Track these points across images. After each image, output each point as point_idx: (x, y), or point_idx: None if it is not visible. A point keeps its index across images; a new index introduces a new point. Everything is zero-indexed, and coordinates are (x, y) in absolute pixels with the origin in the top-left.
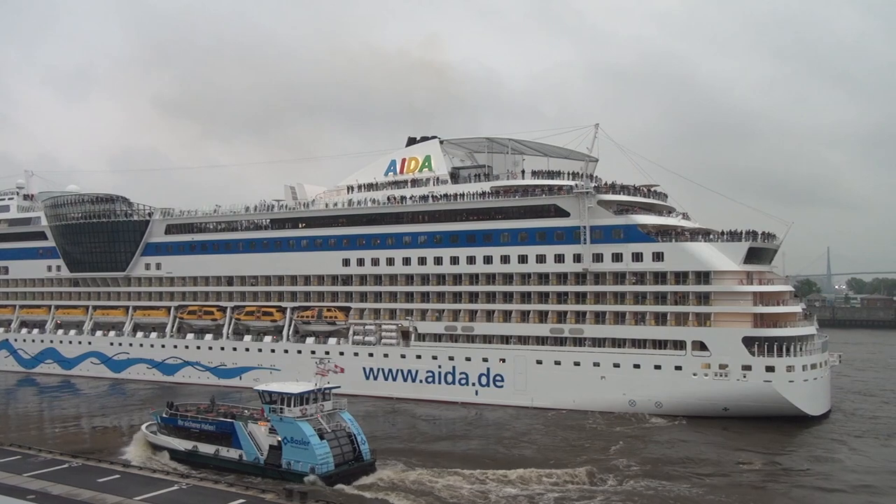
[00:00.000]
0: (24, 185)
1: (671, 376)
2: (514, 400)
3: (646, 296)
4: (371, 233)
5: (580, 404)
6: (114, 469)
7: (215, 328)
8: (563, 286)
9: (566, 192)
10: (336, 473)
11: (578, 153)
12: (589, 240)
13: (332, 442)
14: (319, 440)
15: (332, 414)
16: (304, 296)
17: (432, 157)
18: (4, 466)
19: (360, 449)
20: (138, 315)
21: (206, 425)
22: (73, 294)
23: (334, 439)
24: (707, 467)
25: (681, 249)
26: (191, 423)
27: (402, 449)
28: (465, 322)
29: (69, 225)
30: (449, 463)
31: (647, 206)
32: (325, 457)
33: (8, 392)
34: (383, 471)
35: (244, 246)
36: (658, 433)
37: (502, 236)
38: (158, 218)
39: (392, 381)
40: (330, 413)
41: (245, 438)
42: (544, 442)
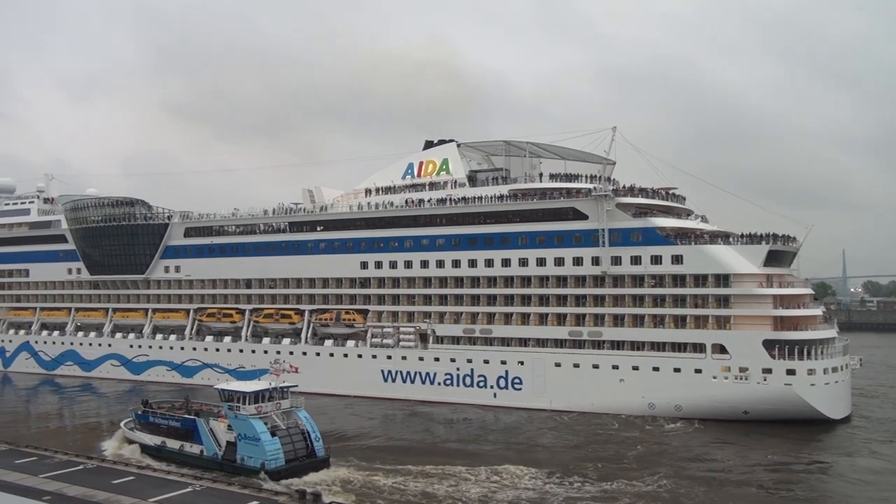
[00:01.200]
0: (45, 189)
1: (691, 379)
2: (532, 402)
3: (665, 298)
4: (389, 236)
5: (599, 407)
6: (128, 471)
7: (234, 330)
8: (581, 289)
9: (584, 195)
10: (286, 469)
11: (596, 156)
12: (607, 242)
13: (283, 439)
14: (271, 437)
15: (289, 412)
16: (323, 298)
17: (450, 160)
18: (21, 468)
19: (313, 446)
20: (158, 317)
21: (173, 422)
22: (93, 296)
23: (287, 436)
24: (727, 471)
25: (700, 252)
26: (160, 419)
27: (404, 449)
28: (483, 325)
29: (89, 228)
30: (436, 464)
31: (666, 208)
32: (275, 453)
33: (28, 393)
34: (338, 468)
35: (263, 249)
36: (677, 436)
37: (520, 239)
38: (177, 221)
39: (410, 384)
40: (286, 411)
41: (206, 435)
42: (557, 444)
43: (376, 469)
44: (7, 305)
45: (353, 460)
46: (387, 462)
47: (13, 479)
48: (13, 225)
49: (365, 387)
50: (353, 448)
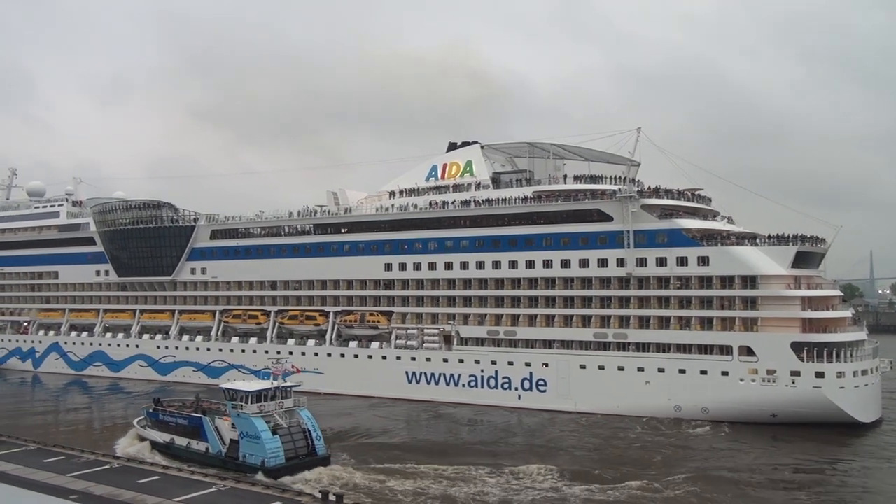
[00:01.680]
0: (73, 192)
1: (717, 382)
2: (557, 405)
3: (691, 300)
4: (413, 237)
5: (624, 409)
6: (153, 471)
7: (259, 332)
8: (606, 290)
9: (609, 197)
10: (286, 467)
11: (620, 157)
12: (633, 244)
13: (284, 437)
14: (271, 435)
15: (291, 411)
16: (347, 300)
17: (473, 162)
18: (49, 466)
19: (314, 444)
20: (184, 319)
21: (181, 420)
22: (120, 298)
23: (287, 435)
24: (755, 474)
25: (727, 253)
26: (168, 417)
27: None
28: (507, 326)
29: (117, 230)
30: (448, 464)
31: (692, 210)
32: (275, 451)
33: (57, 393)
34: (337, 466)
35: (288, 251)
36: (703, 439)
37: (545, 241)
38: (203, 223)
39: (434, 386)
40: (289, 410)
41: (211, 432)
42: (582, 446)
43: (392, 470)
44: (37, 307)
45: (372, 462)
46: (408, 462)
47: (42, 478)
48: (43, 227)
49: (389, 388)
50: (372, 447)
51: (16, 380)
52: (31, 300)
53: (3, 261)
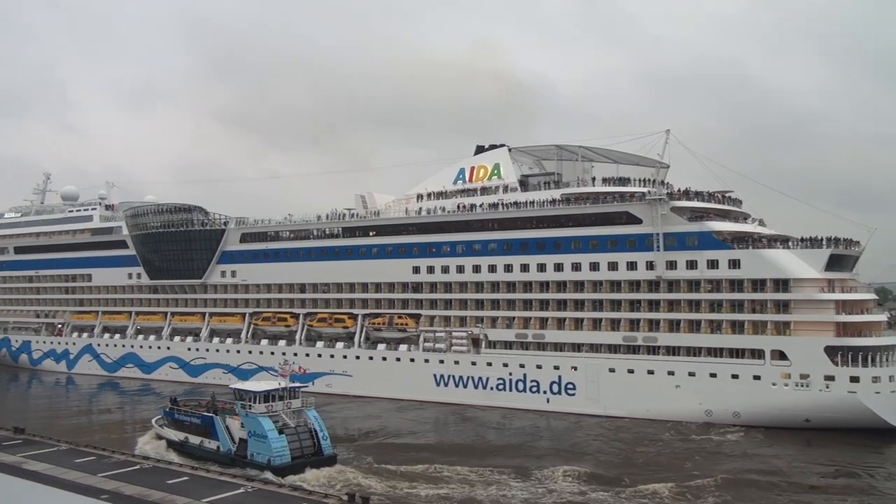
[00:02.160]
0: (106, 196)
1: (749, 386)
2: (586, 408)
3: (722, 304)
4: (441, 240)
5: (654, 413)
6: (182, 471)
7: (288, 334)
8: (635, 294)
9: (638, 199)
10: (291, 465)
11: (649, 159)
12: (662, 247)
13: (291, 437)
14: (278, 434)
15: (299, 411)
16: (376, 303)
17: (501, 164)
18: (80, 466)
19: (320, 444)
20: (214, 321)
21: (194, 419)
22: (152, 300)
23: (294, 434)
24: (788, 480)
25: (758, 256)
26: (183, 416)
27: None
28: (535, 329)
29: (149, 234)
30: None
31: (722, 212)
32: (281, 450)
33: (90, 394)
34: (343, 466)
35: (316, 254)
36: (735, 443)
37: (573, 244)
38: (233, 227)
39: (462, 388)
40: (296, 410)
41: (221, 431)
42: (610, 450)
43: (415, 473)
44: (71, 309)
45: (395, 463)
46: (432, 464)
47: (73, 478)
48: (77, 231)
49: (417, 391)
50: (396, 448)
51: (50, 381)
52: (66, 302)
53: (39, 264)
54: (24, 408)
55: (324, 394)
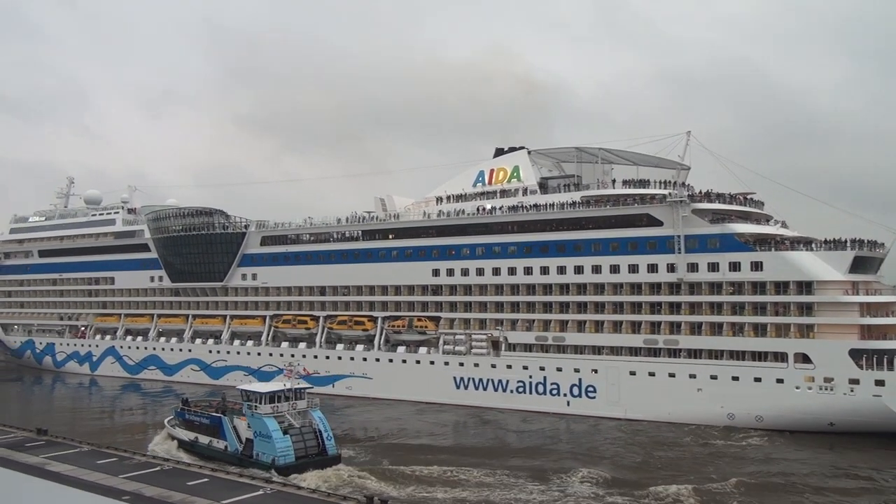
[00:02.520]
0: (128, 200)
1: (772, 389)
2: (606, 411)
3: (744, 306)
4: (461, 243)
5: (676, 417)
6: (202, 473)
7: (308, 337)
8: (656, 296)
9: (659, 201)
10: (295, 465)
11: (669, 161)
12: (683, 249)
13: (295, 437)
14: (282, 435)
15: (304, 412)
16: (395, 305)
17: (521, 167)
18: (102, 468)
19: (324, 444)
20: (235, 324)
21: (203, 419)
22: (174, 303)
23: (298, 434)
24: (811, 486)
25: (781, 259)
26: (193, 416)
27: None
28: (555, 332)
29: (171, 237)
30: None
31: (744, 214)
32: (285, 450)
33: (113, 396)
34: (346, 466)
35: (336, 257)
36: (758, 447)
37: (593, 246)
38: (254, 230)
39: (482, 391)
40: (301, 411)
41: (229, 431)
42: (631, 454)
43: (431, 476)
44: (94, 312)
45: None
46: (449, 465)
47: (95, 479)
48: (100, 235)
49: (437, 393)
50: (412, 450)
51: (74, 383)
52: (89, 305)
53: (62, 267)
54: (48, 409)
55: (344, 396)
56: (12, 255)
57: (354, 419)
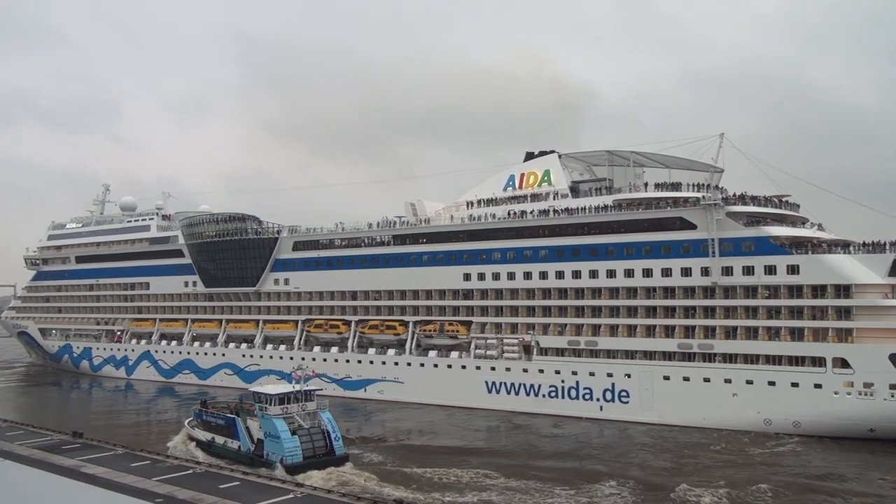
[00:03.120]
0: (163, 206)
1: (810, 394)
2: (640, 416)
3: (780, 310)
4: (492, 247)
5: (711, 422)
6: (234, 476)
7: (340, 341)
8: (690, 300)
9: (692, 204)
10: (303, 465)
11: (701, 163)
12: (718, 253)
13: (303, 437)
14: (291, 435)
15: (313, 413)
16: (427, 310)
17: (552, 171)
18: (136, 470)
19: (332, 445)
20: (268, 328)
21: (219, 420)
22: (207, 308)
23: (307, 435)
24: (850, 492)
25: (818, 262)
26: (210, 417)
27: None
28: (588, 336)
29: (204, 243)
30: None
31: (779, 217)
32: (293, 450)
33: (148, 400)
34: (353, 466)
35: (368, 261)
36: (795, 454)
37: (626, 250)
38: (286, 235)
39: (514, 396)
40: (311, 412)
41: (242, 432)
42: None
43: (454, 480)
44: (129, 317)
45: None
46: (476, 468)
47: (129, 482)
48: (135, 241)
49: (468, 397)
50: (437, 452)
51: (110, 386)
52: (124, 310)
53: (99, 272)
54: (84, 412)
55: (375, 400)
56: (50, 261)
57: (386, 423)
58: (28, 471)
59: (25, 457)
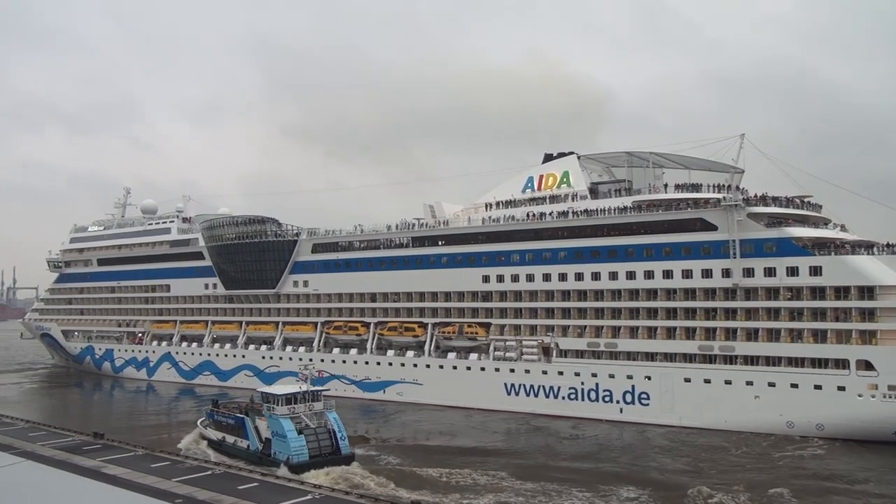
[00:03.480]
0: (183, 209)
1: (833, 397)
2: (660, 419)
3: (802, 312)
4: (510, 249)
5: (732, 424)
6: (253, 477)
7: (360, 343)
8: (711, 302)
9: (713, 206)
10: (310, 463)
11: (721, 164)
12: (739, 254)
13: (310, 437)
14: (297, 435)
15: (320, 413)
16: (445, 312)
17: (570, 172)
18: (155, 471)
19: (338, 444)
20: (287, 330)
21: (229, 420)
22: (227, 310)
23: (313, 434)
24: (873, 495)
25: (841, 263)
26: (221, 417)
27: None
28: (607, 338)
29: (224, 245)
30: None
31: (801, 217)
32: (299, 449)
33: (170, 401)
34: (359, 465)
35: (387, 263)
36: (819, 458)
37: (645, 251)
38: (305, 238)
39: (533, 398)
40: (317, 412)
41: (251, 431)
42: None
43: (472, 483)
44: (150, 318)
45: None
46: (489, 468)
47: (149, 482)
48: (156, 243)
49: (487, 399)
50: (451, 453)
51: (132, 388)
52: (145, 312)
53: (120, 275)
54: (107, 413)
55: (394, 402)
56: (73, 264)
57: (406, 424)
58: (50, 471)
59: (47, 457)
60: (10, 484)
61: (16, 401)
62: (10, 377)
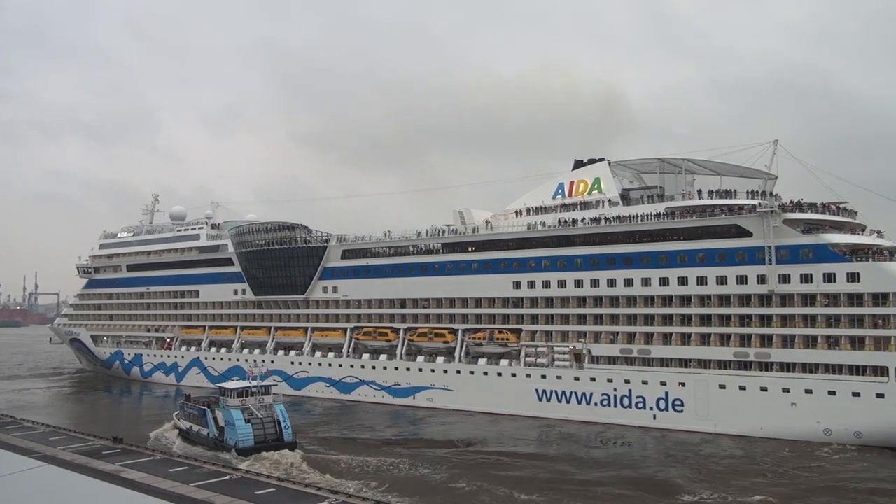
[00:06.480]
0: (212, 216)
1: (872, 404)
2: (695, 425)
3: (840, 318)
4: (541, 255)
5: (768, 432)
6: (269, 482)
7: (389, 349)
8: (746, 308)
9: (748, 212)
10: (255, 448)
11: (754, 170)
12: (774, 260)
13: (256, 425)
14: (244, 423)
15: (269, 405)
16: (476, 318)
17: (602, 179)
18: (174, 476)
19: (282, 432)
20: (316, 336)
21: (195, 411)
22: (256, 316)
23: (259, 423)
24: None
25: (880, 269)
26: (189, 409)
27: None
28: (640, 345)
29: (253, 251)
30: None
31: (837, 224)
32: (246, 435)
33: None
34: (299, 451)
35: (416, 269)
36: (858, 467)
37: (679, 258)
38: (335, 244)
39: (565, 404)
40: (266, 405)
41: (210, 420)
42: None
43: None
44: (179, 324)
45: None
46: (517, 469)
47: (167, 487)
48: (185, 249)
49: (519, 406)
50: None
51: (160, 392)
52: (174, 317)
53: (149, 280)
54: (135, 417)
55: (425, 408)
56: (102, 270)
57: (437, 429)
58: (69, 475)
59: (67, 461)
60: (31, 488)
61: (42, 405)
62: (37, 382)
